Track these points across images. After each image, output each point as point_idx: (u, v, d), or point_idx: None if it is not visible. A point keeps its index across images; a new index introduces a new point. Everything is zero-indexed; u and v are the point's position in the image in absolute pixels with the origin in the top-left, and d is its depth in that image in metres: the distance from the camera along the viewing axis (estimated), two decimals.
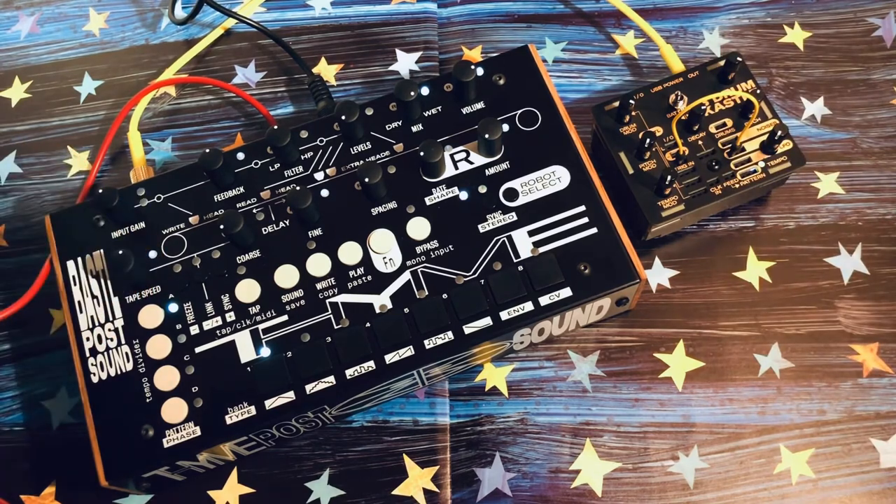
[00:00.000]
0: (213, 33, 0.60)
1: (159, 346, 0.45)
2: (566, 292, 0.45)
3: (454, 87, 0.49)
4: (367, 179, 0.46)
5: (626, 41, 0.58)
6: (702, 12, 0.59)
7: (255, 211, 0.48)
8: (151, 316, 0.46)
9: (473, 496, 0.47)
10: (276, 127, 0.48)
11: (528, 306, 0.45)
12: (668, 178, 0.47)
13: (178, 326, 0.45)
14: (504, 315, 0.44)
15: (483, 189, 0.47)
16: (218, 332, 0.45)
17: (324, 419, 0.47)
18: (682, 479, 0.46)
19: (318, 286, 0.46)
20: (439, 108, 0.49)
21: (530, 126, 0.48)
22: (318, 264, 0.46)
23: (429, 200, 0.47)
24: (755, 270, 0.51)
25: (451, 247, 0.46)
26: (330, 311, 0.45)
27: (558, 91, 0.53)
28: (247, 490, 0.47)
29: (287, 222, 0.47)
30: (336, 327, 0.45)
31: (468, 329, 0.44)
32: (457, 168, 0.48)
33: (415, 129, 0.49)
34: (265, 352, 0.45)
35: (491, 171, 0.47)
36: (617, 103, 0.50)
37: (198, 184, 0.48)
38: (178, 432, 0.44)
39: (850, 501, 0.45)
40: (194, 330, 0.45)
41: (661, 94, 0.50)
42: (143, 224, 0.48)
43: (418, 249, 0.46)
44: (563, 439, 0.47)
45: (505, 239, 0.46)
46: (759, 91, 0.50)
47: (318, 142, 0.49)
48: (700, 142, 0.49)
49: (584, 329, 0.50)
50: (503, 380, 0.49)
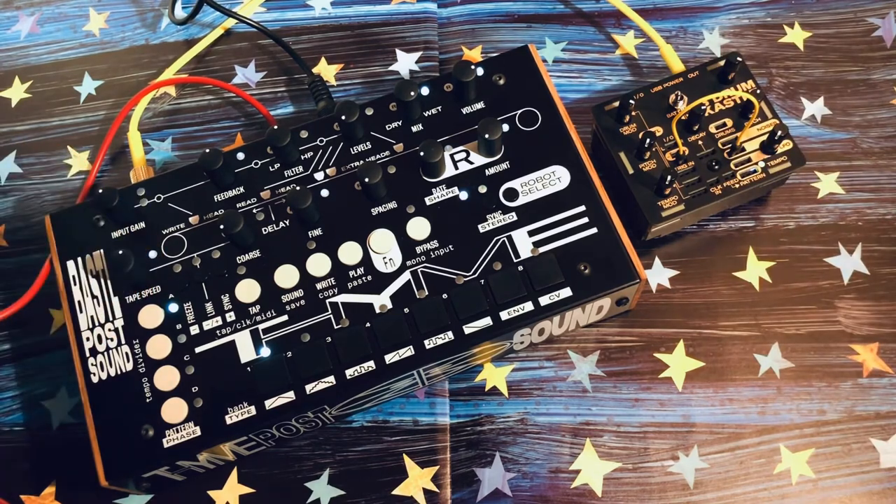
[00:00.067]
0: (213, 33, 0.60)
1: (159, 346, 0.45)
2: (566, 292, 0.45)
3: (454, 87, 0.49)
4: (367, 179, 0.46)
5: (626, 41, 0.58)
6: (702, 12, 0.59)
7: (255, 211, 0.48)
8: (151, 316, 0.46)
9: (473, 496, 0.47)
10: (276, 127, 0.48)
11: (528, 306, 0.45)
12: (668, 178, 0.47)
13: (178, 326, 0.45)
14: (504, 315, 0.44)
15: (483, 189, 0.47)
16: (218, 332, 0.45)
17: (324, 419, 0.47)
18: (682, 479, 0.46)
19: (318, 286, 0.46)
20: (439, 108, 0.49)
21: (530, 126, 0.48)
22: (318, 264, 0.46)
23: (429, 200, 0.47)
24: (755, 270, 0.51)
25: (451, 247, 0.46)
26: (330, 311, 0.45)
27: (558, 91, 0.53)
28: (247, 490, 0.47)
29: (287, 222, 0.47)
30: (336, 327, 0.45)
31: (468, 329, 0.44)
32: (457, 168, 0.48)
33: (415, 129, 0.49)
34: (265, 352, 0.45)
35: (491, 171, 0.47)
36: (617, 103, 0.50)
37: (198, 184, 0.48)
38: (178, 432, 0.44)
39: (850, 501, 0.45)
40: (194, 330, 0.45)
41: (661, 94, 0.50)
42: (143, 224, 0.48)
43: (418, 249, 0.46)
44: (563, 439, 0.47)
45: (505, 239, 0.46)
46: (759, 91, 0.50)
47: (318, 142, 0.49)
48: (700, 142, 0.49)
49: (584, 329, 0.50)
50: (503, 380, 0.49)
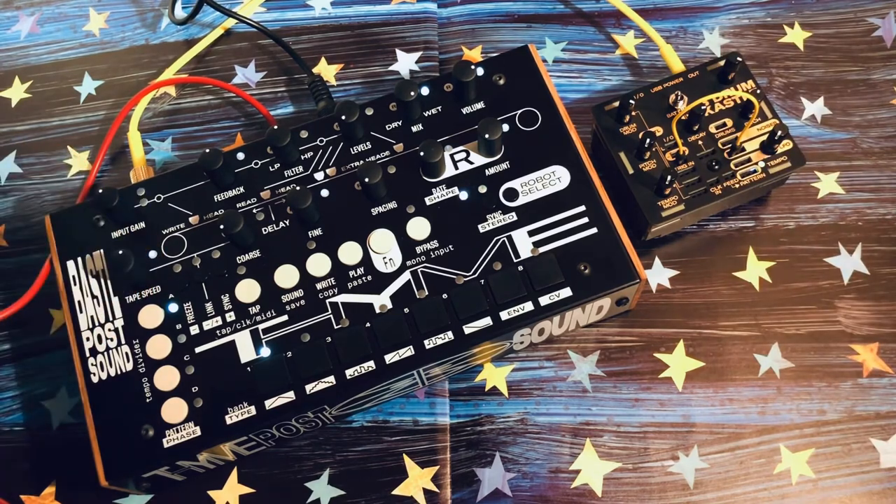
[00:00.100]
0: (213, 33, 0.60)
1: (159, 346, 0.45)
2: (566, 292, 0.45)
3: (454, 87, 0.49)
4: (367, 179, 0.46)
5: (626, 41, 0.58)
6: (702, 12, 0.59)
7: (255, 211, 0.48)
8: (151, 316, 0.46)
9: (473, 496, 0.47)
10: (276, 127, 0.48)
11: (528, 306, 0.45)
12: (668, 178, 0.47)
13: (178, 326, 0.45)
14: (504, 315, 0.44)
15: (483, 189, 0.47)
16: (218, 332, 0.45)
17: (324, 419, 0.47)
18: (682, 479, 0.46)
19: (318, 286, 0.46)
20: (439, 108, 0.49)
21: (530, 126, 0.48)
22: (318, 264, 0.46)
23: (429, 200, 0.47)
24: (755, 270, 0.51)
25: (451, 247, 0.46)
26: (330, 311, 0.45)
27: (558, 91, 0.53)
28: (247, 490, 0.47)
29: (287, 222, 0.47)
30: (336, 327, 0.45)
31: (468, 329, 0.44)
32: (457, 168, 0.48)
33: (415, 129, 0.49)
34: (265, 352, 0.45)
35: (491, 171, 0.47)
36: (617, 103, 0.50)
37: (198, 184, 0.48)
38: (178, 432, 0.44)
39: (850, 501, 0.45)
40: (194, 330, 0.45)
41: (661, 94, 0.50)
42: (143, 224, 0.48)
43: (418, 249, 0.46)
44: (563, 439, 0.47)
45: (505, 239, 0.46)
46: (759, 91, 0.50)
47: (318, 142, 0.49)
48: (700, 142, 0.49)
49: (584, 329, 0.50)
50: (503, 380, 0.49)
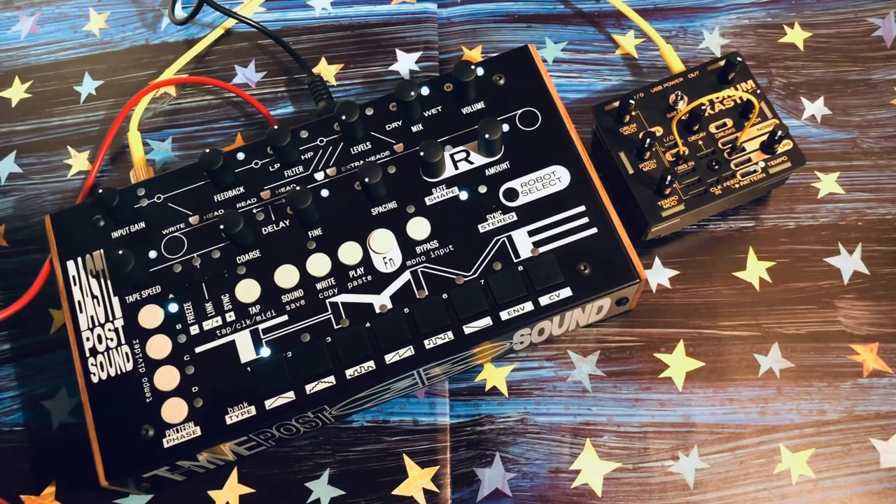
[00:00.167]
0: (213, 33, 0.60)
1: (159, 346, 0.45)
2: (566, 292, 0.45)
3: (454, 87, 0.49)
4: (367, 179, 0.46)
5: (626, 41, 0.58)
6: (702, 12, 0.59)
7: (255, 211, 0.48)
8: (151, 316, 0.46)
9: (473, 496, 0.47)
10: (276, 127, 0.48)
11: (528, 306, 0.45)
12: (668, 178, 0.47)
13: (178, 326, 0.45)
14: (504, 315, 0.44)
15: (483, 189, 0.47)
16: (218, 332, 0.45)
17: (324, 419, 0.47)
18: (682, 479, 0.46)
19: (318, 286, 0.46)
20: (439, 108, 0.49)
21: (530, 126, 0.48)
22: (318, 264, 0.46)
23: (429, 200, 0.47)
24: (755, 270, 0.51)
25: (451, 247, 0.46)
26: (330, 311, 0.45)
27: (558, 91, 0.53)
28: (247, 490, 0.47)
29: (287, 222, 0.47)
30: (336, 327, 0.45)
31: (468, 329, 0.44)
32: (457, 168, 0.48)
33: (415, 129, 0.49)
34: (265, 352, 0.45)
35: (491, 171, 0.47)
36: (617, 103, 0.50)
37: (198, 184, 0.48)
38: (178, 432, 0.44)
39: (850, 501, 0.45)
40: (194, 330, 0.45)
41: (661, 94, 0.50)
42: (143, 224, 0.48)
43: (418, 249, 0.46)
44: (563, 439, 0.47)
45: (505, 239, 0.46)
46: (759, 91, 0.50)
47: (318, 142, 0.49)
48: (700, 142, 0.49)
49: (584, 329, 0.50)
50: (503, 380, 0.49)
